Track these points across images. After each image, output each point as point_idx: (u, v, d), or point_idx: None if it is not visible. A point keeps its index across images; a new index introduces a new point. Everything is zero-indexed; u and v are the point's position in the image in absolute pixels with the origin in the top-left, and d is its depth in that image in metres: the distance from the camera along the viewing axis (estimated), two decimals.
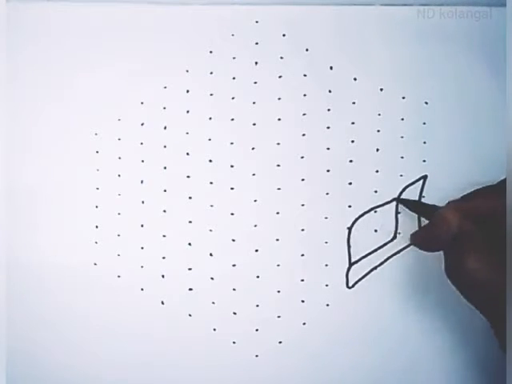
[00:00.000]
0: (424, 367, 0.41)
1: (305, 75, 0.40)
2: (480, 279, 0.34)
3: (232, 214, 0.40)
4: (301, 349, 0.40)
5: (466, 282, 0.35)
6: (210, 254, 0.40)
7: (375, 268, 0.41)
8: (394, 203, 0.41)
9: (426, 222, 0.39)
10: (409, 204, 0.40)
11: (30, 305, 0.40)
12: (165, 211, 0.40)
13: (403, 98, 0.41)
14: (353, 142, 0.41)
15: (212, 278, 0.40)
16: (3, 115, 0.39)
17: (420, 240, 0.39)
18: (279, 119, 0.40)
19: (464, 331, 0.40)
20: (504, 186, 0.35)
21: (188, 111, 0.40)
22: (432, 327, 0.41)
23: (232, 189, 0.40)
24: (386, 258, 0.41)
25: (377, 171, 0.41)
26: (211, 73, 0.40)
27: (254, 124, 0.40)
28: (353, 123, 0.41)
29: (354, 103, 0.41)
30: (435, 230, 0.37)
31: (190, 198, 0.40)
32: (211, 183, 0.40)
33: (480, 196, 0.36)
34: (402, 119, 0.41)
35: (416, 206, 0.40)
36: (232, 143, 0.40)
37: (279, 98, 0.40)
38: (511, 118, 0.36)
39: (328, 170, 0.41)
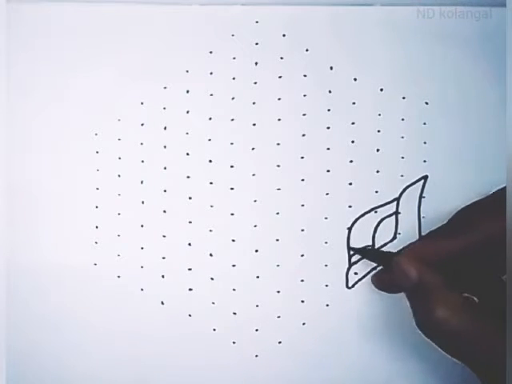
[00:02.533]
0: (424, 367, 0.41)
1: (305, 75, 0.40)
2: (452, 328, 0.33)
3: (232, 214, 0.40)
4: (300, 349, 0.40)
5: (437, 333, 0.33)
6: (210, 254, 0.40)
7: (375, 268, 0.40)
8: (395, 203, 0.41)
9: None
10: (363, 253, 0.40)
11: (30, 305, 0.40)
12: (165, 211, 0.40)
13: (403, 98, 0.41)
14: (353, 142, 0.41)
15: (212, 278, 0.40)
16: (3, 115, 0.39)
17: (379, 284, 0.38)
18: (279, 119, 0.40)
19: None
20: (477, 215, 0.34)
21: (188, 111, 0.40)
22: None
23: (232, 189, 0.40)
24: None
25: (377, 171, 0.41)
26: (211, 73, 0.40)
27: (254, 124, 0.40)
28: (353, 123, 0.41)
29: (354, 103, 0.41)
30: (395, 279, 0.36)
31: (189, 198, 0.40)
32: (211, 183, 0.40)
33: (439, 237, 0.35)
34: (403, 119, 0.41)
35: (371, 255, 0.39)
36: (232, 143, 0.40)
37: (279, 98, 0.40)
38: (511, 118, 0.36)
39: (328, 171, 0.40)
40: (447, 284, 0.34)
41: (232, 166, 0.40)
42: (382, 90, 0.41)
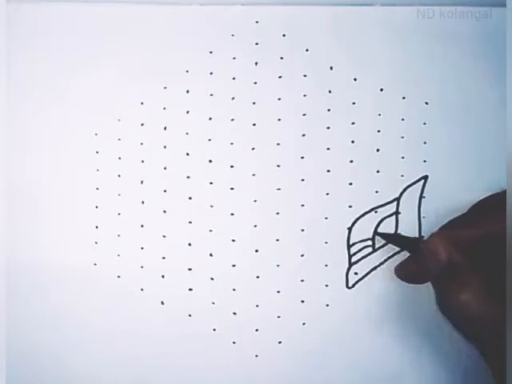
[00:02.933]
0: (425, 367, 0.41)
1: (305, 75, 0.40)
2: (473, 313, 0.33)
3: (232, 214, 0.40)
4: (300, 349, 0.40)
5: (459, 315, 0.34)
6: (210, 254, 0.40)
7: (375, 268, 0.40)
8: (395, 203, 0.41)
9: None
10: (387, 237, 0.40)
11: (30, 305, 0.40)
12: (165, 211, 0.40)
13: (403, 98, 0.41)
14: (353, 142, 0.41)
15: (212, 278, 0.40)
16: (3, 115, 0.39)
17: (406, 273, 0.38)
18: (279, 119, 0.40)
19: None
20: (493, 207, 0.35)
21: (188, 111, 0.40)
22: (432, 326, 0.40)
23: (232, 189, 0.40)
24: (385, 258, 0.41)
25: (377, 171, 0.41)
26: (211, 73, 0.40)
27: (254, 124, 0.40)
28: (353, 123, 0.41)
29: (354, 103, 0.41)
30: (423, 262, 0.36)
31: (189, 198, 0.40)
32: (211, 183, 0.40)
33: (468, 222, 0.36)
34: (403, 119, 0.41)
35: (395, 239, 0.40)
36: (232, 143, 0.40)
37: (279, 98, 0.40)
38: (511, 118, 0.36)
39: (328, 171, 0.40)
40: (473, 269, 0.34)
41: (232, 166, 0.40)
42: (381, 90, 0.41)
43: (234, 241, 0.40)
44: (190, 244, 0.40)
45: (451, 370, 0.41)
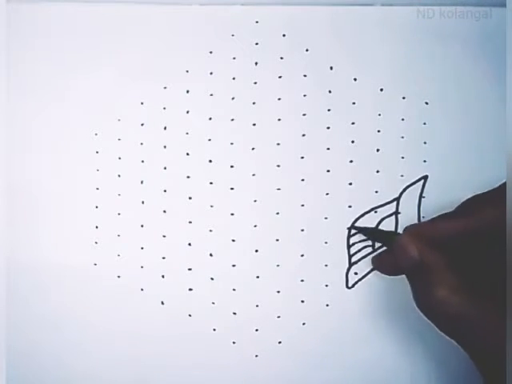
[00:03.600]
0: (426, 367, 0.41)
1: (305, 75, 0.40)
2: (452, 310, 0.33)
3: (232, 214, 0.40)
4: (300, 349, 0.40)
5: (436, 313, 0.34)
6: (210, 254, 0.40)
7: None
8: (395, 203, 0.41)
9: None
10: (366, 232, 0.40)
11: (30, 305, 0.40)
12: (165, 211, 0.40)
13: (403, 98, 0.41)
14: (353, 142, 0.41)
15: (212, 278, 0.40)
16: (3, 115, 0.39)
17: (380, 265, 0.38)
18: (279, 119, 0.40)
19: None
20: (463, 210, 0.34)
21: (188, 111, 0.40)
22: (433, 327, 0.40)
23: (232, 189, 0.40)
24: None
25: (377, 171, 0.41)
26: (211, 73, 0.40)
27: (254, 124, 0.40)
28: (353, 123, 0.41)
29: (354, 103, 0.41)
30: (395, 258, 0.36)
31: (189, 198, 0.40)
32: (211, 183, 0.40)
33: (441, 219, 0.35)
34: (403, 119, 0.41)
35: (374, 233, 0.40)
36: (232, 143, 0.40)
37: (279, 99, 0.40)
38: (511, 118, 0.36)
39: (328, 171, 0.40)
40: (448, 265, 0.34)
41: (232, 166, 0.40)
42: (381, 90, 0.41)
43: (233, 241, 0.40)
44: (189, 244, 0.40)
45: (451, 370, 0.41)
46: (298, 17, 0.40)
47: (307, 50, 0.40)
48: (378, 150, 0.41)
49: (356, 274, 0.40)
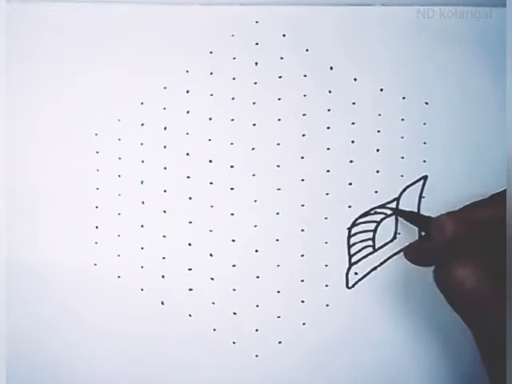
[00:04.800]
0: (427, 366, 0.41)
1: (305, 75, 0.40)
2: (468, 289, 0.33)
3: (232, 214, 0.40)
4: (300, 349, 0.40)
5: (453, 289, 0.34)
6: (210, 255, 0.40)
7: (375, 268, 0.41)
8: (395, 203, 0.41)
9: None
10: (405, 215, 0.40)
11: (30, 305, 0.40)
12: (165, 211, 0.40)
13: (403, 98, 0.41)
14: (353, 142, 0.41)
15: (212, 278, 0.40)
16: (3, 115, 0.39)
17: (414, 254, 0.38)
18: (279, 119, 0.40)
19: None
20: (500, 198, 0.35)
21: (188, 111, 0.40)
22: (433, 326, 0.41)
23: (232, 189, 0.40)
24: (385, 258, 0.41)
25: (377, 171, 0.41)
26: (211, 73, 0.40)
27: (254, 124, 0.40)
28: (353, 123, 0.41)
29: (354, 103, 0.41)
30: (431, 241, 0.36)
31: (190, 198, 0.40)
32: (211, 183, 0.40)
33: (476, 206, 0.36)
34: (403, 119, 0.41)
35: (412, 217, 0.40)
36: (232, 143, 0.40)
37: (279, 99, 0.40)
38: (511, 118, 0.36)
39: (328, 171, 0.41)
40: (476, 248, 0.34)
41: (232, 166, 0.40)
42: (382, 90, 0.41)
43: (233, 241, 0.40)
44: (190, 244, 0.40)
45: (452, 370, 0.41)
46: (298, 17, 0.40)
47: (307, 50, 0.41)
48: (377, 150, 0.41)
49: (356, 274, 0.40)
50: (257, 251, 0.40)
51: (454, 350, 0.41)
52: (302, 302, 0.40)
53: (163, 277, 0.40)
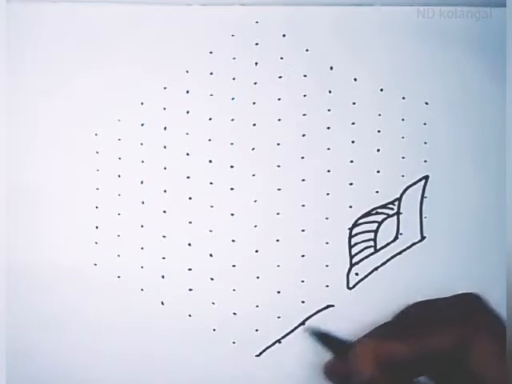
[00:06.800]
0: None
1: (305, 75, 0.41)
2: None
3: (232, 214, 0.40)
4: (301, 349, 0.40)
5: None
6: (210, 255, 0.40)
7: (376, 269, 0.40)
8: (396, 203, 0.41)
9: None
10: (317, 335, 0.38)
11: (30, 305, 0.40)
12: (165, 211, 0.40)
13: (403, 98, 0.41)
14: (353, 142, 0.41)
15: (212, 279, 0.40)
16: (3, 115, 0.39)
17: (331, 373, 0.37)
18: (279, 120, 0.40)
19: None
20: (419, 317, 0.34)
21: (188, 112, 0.40)
22: None
23: (232, 189, 0.40)
24: (387, 258, 0.40)
25: (378, 172, 0.41)
26: (211, 73, 0.40)
27: (254, 124, 0.40)
28: (353, 123, 0.41)
29: (354, 103, 0.41)
30: (348, 369, 0.34)
31: (189, 198, 0.40)
32: (211, 184, 0.40)
33: (393, 334, 0.34)
34: (403, 119, 0.41)
35: (325, 339, 0.38)
36: (232, 144, 0.40)
37: (279, 99, 0.40)
38: (511, 118, 0.36)
39: (328, 171, 0.40)
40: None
41: (232, 166, 0.40)
42: (382, 90, 0.41)
43: (233, 241, 0.40)
44: (189, 244, 0.40)
45: None
46: (298, 17, 0.40)
47: (307, 50, 0.41)
48: (378, 150, 0.41)
49: (357, 274, 0.40)
50: (257, 251, 0.40)
51: None
52: (302, 302, 0.40)
53: (163, 277, 0.40)
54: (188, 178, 0.40)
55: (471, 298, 0.34)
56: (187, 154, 0.40)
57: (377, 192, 0.41)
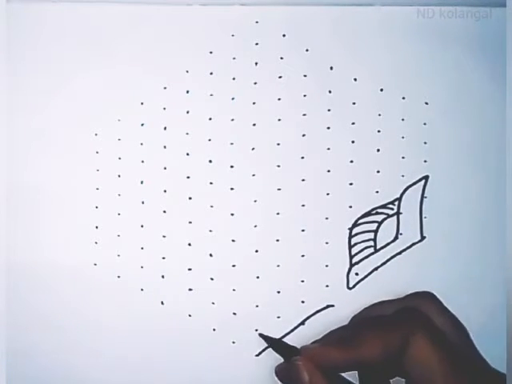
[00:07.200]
0: None
1: (305, 75, 0.41)
2: None
3: (232, 214, 0.40)
4: None
5: None
6: (210, 255, 0.40)
7: (376, 269, 0.40)
8: (396, 203, 0.41)
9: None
10: (269, 341, 0.38)
11: (30, 305, 0.40)
12: (165, 211, 0.40)
13: (403, 98, 0.41)
14: (353, 142, 0.41)
15: (212, 278, 0.40)
16: (3, 115, 0.39)
17: (280, 376, 0.36)
18: (279, 119, 0.40)
19: None
20: (369, 325, 0.33)
21: (188, 112, 0.40)
22: None
23: (232, 189, 0.40)
24: (387, 258, 0.40)
25: (378, 172, 0.41)
26: (211, 73, 0.40)
27: (254, 124, 0.40)
28: (353, 123, 0.41)
29: (354, 103, 0.41)
30: (290, 376, 0.35)
31: (189, 198, 0.40)
32: (211, 183, 0.40)
33: (336, 345, 0.34)
34: (403, 119, 0.41)
35: (275, 345, 0.37)
36: (232, 143, 0.40)
37: (279, 99, 0.40)
38: (511, 118, 0.36)
39: (328, 171, 0.40)
40: None
41: (232, 166, 0.40)
42: (382, 90, 0.41)
43: (233, 241, 0.40)
44: (189, 244, 0.40)
45: None
46: (298, 17, 0.40)
47: (307, 50, 0.41)
48: (378, 150, 0.41)
49: (357, 274, 0.40)
50: (257, 251, 0.40)
51: None
52: (302, 302, 0.40)
53: (163, 277, 0.40)
54: (188, 178, 0.40)
55: (420, 299, 0.34)
56: (187, 154, 0.40)
57: (377, 192, 0.41)
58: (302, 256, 0.40)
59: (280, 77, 0.40)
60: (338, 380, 0.34)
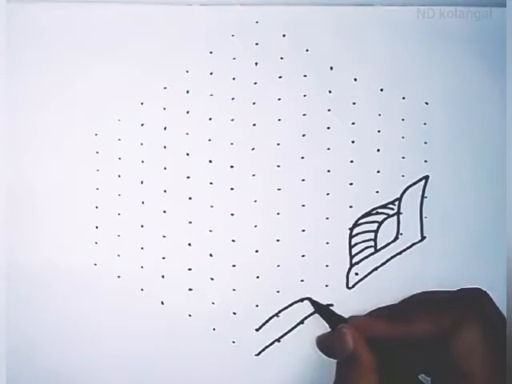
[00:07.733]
0: None
1: (305, 75, 0.41)
2: None
3: (232, 214, 0.40)
4: (300, 349, 0.40)
5: None
6: (210, 255, 0.40)
7: (376, 269, 0.40)
8: (396, 203, 0.41)
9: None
10: (318, 307, 0.39)
11: (30, 305, 0.40)
12: (165, 211, 0.40)
13: (403, 98, 0.41)
14: (353, 142, 0.41)
15: (212, 278, 0.40)
16: (3, 115, 0.39)
17: (321, 346, 0.38)
18: (279, 119, 0.40)
19: None
20: (420, 306, 0.34)
21: (188, 112, 0.40)
22: None
23: (232, 189, 0.40)
24: (387, 258, 0.40)
25: (378, 171, 0.41)
26: (211, 73, 0.40)
27: (254, 124, 0.40)
28: (353, 123, 0.41)
29: (354, 103, 0.41)
30: (333, 343, 0.36)
31: (189, 198, 0.40)
32: (211, 184, 0.40)
33: (384, 318, 0.35)
34: (403, 119, 0.41)
35: (324, 312, 0.39)
36: (232, 144, 0.40)
37: (279, 99, 0.40)
38: (511, 118, 0.36)
39: (329, 171, 0.40)
40: (375, 366, 0.34)
41: (232, 166, 0.40)
42: (382, 90, 0.41)
43: (233, 241, 0.40)
44: (189, 244, 0.40)
45: None
46: (298, 17, 0.40)
47: (307, 50, 0.41)
48: (378, 150, 0.41)
49: (357, 274, 0.40)
50: (257, 251, 0.40)
51: None
52: (302, 301, 0.40)
53: (163, 277, 0.40)
54: (188, 178, 0.40)
55: (475, 292, 0.35)
56: (187, 154, 0.40)
57: (377, 192, 0.41)
58: (303, 256, 0.40)
59: (280, 77, 0.40)
60: (382, 355, 0.34)
